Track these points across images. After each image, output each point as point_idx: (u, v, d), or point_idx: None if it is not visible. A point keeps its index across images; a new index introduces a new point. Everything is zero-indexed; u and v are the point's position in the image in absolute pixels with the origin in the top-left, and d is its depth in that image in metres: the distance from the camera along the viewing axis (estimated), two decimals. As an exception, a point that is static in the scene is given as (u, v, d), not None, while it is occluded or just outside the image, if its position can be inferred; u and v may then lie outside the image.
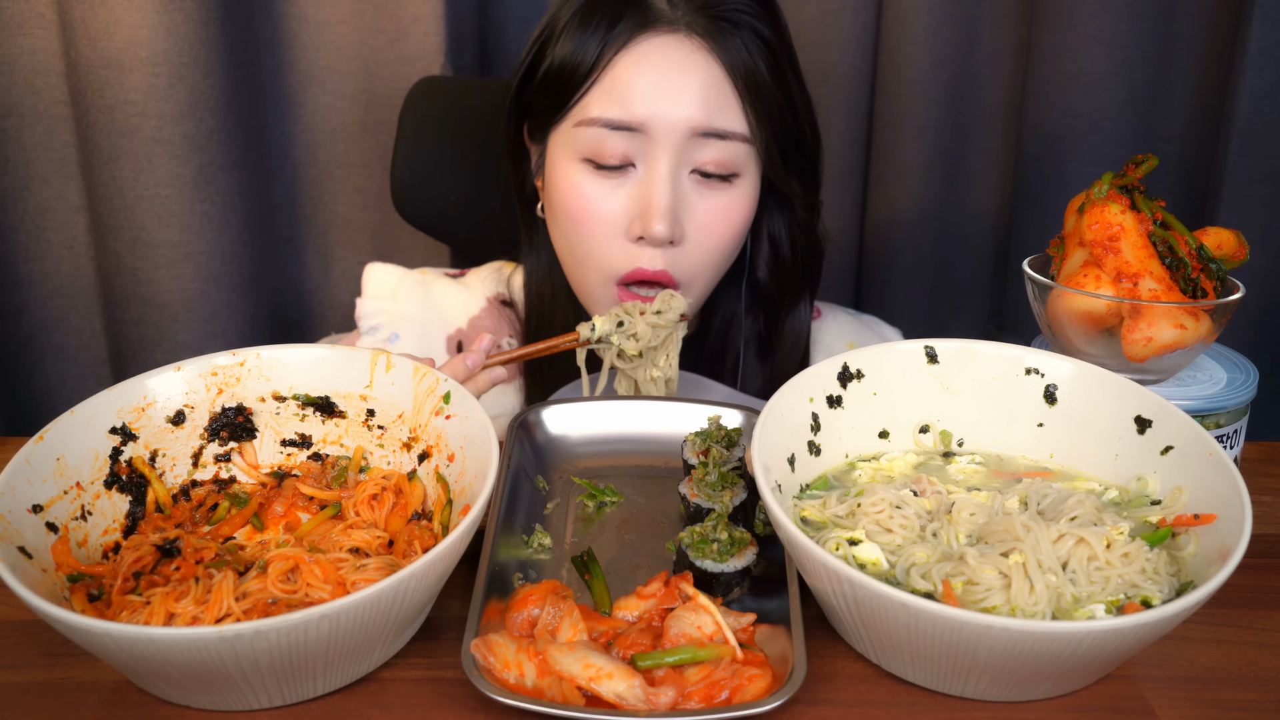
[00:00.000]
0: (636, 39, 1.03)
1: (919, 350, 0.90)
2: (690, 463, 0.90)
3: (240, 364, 0.88)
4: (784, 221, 1.18)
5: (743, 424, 0.94)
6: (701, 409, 0.98)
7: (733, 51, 1.03)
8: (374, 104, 1.64)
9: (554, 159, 1.09)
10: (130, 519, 0.83)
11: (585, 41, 1.04)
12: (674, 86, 1.02)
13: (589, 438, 0.97)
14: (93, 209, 1.55)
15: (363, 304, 1.24)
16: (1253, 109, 1.46)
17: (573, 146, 1.06)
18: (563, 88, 1.06)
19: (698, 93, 1.02)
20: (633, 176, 1.05)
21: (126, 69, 1.44)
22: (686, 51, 1.03)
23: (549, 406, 0.98)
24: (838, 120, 1.75)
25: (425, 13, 1.57)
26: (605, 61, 1.03)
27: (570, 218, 1.08)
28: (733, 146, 1.04)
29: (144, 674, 0.68)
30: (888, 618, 0.66)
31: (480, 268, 1.31)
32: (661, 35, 1.03)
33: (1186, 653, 0.76)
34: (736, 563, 0.78)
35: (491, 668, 0.68)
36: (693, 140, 1.03)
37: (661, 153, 1.03)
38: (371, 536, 0.81)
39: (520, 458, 0.92)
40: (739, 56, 1.03)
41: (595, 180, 1.05)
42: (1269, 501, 0.97)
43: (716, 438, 0.91)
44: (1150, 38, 1.54)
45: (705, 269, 1.10)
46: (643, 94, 1.02)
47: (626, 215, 1.05)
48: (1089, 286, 0.93)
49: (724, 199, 1.07)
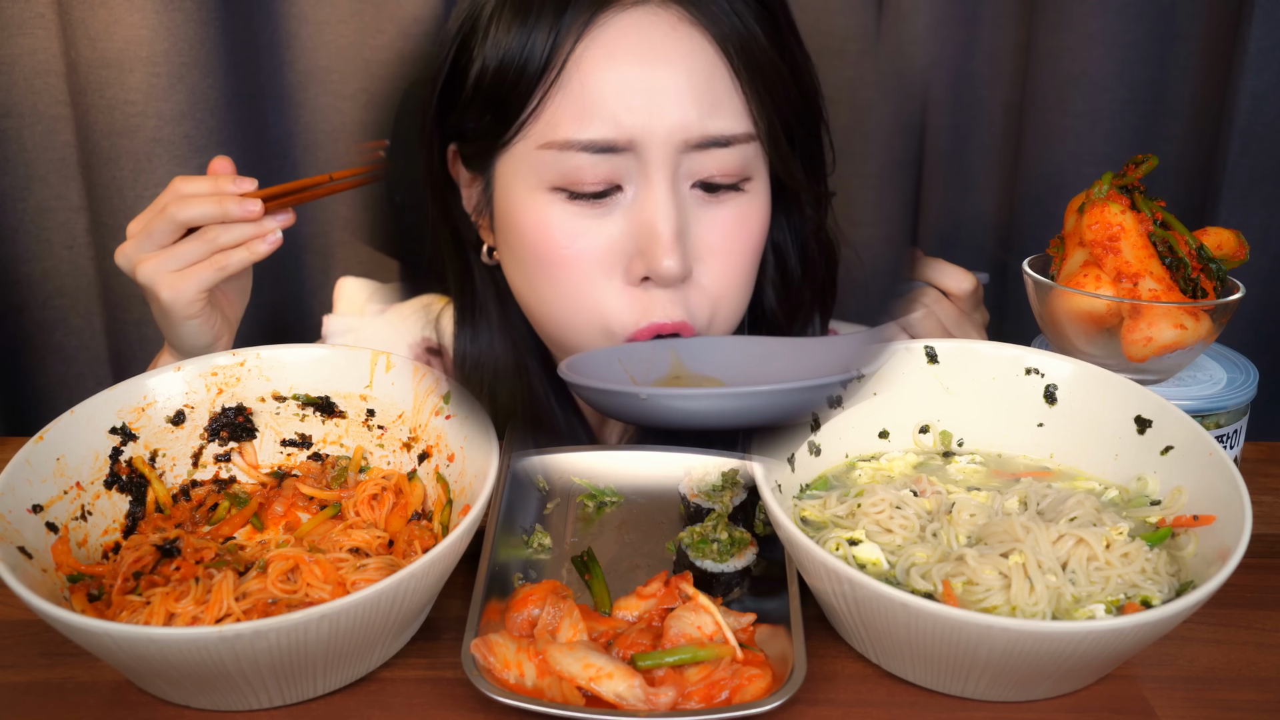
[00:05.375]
0: (599, 19, 0.81)
1: (919, 350, 0.90)
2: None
3: (240, 364, 0.88)
4: (789, 226, 0.97)
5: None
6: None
7: (720, 19, 0.82)
8: (374, 104, 1.64)
9: (509, 191, 0.86)
10: (130, 519, 0.83)
11: (529, 32, 0.81)
12: (658, 81, 0.81)
13: (589, 438, 0.97)
14: (93, 209, 1.55)
15: (330, 321, 1.08)
16: (1253, 109, 1.46)
17: (537, 175, 0.84)
18: (507, 99, 0.83)
19: (688, 87, 0.82)
20: (621, 202, 0.84)
21: (126, 69, 1.44)
22: (666, 28, 0.81)
23: None
24: (838, 120, 1.75)
25: (425, 13, 1.57)
26: (562, 56, 0.81)
27: (545, 263, 0.85)
28: (738, 151, 0.85)
29: (144, 674, 0.68)
30: (888, 618, 0.66)
31: (402, 304, 1.08)
32: (627, 12, 0.81)
33: (1186, 653, 0.76)
34: (736, 563, 0.78)
35: (491, 668, 0.68)
36: (688, 153, 0.84)
37: (655, 170, 0.83)
38: (371, 536, 0.81)
39: (520, 458, 0.92)
40: (728, 25, 0.82)
41: (573, 213, 0.84)
42: (1269, 501, 0.97)
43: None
44: (1150, 38, 1.54)
45: (726, 303, 0.89)
46: (624, 97, 0.81)
47: (622, 253, 0.85)
48: (1089, 286, 0.93)
49: (736, 210, 0.87)
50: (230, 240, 0.92)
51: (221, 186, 0.92)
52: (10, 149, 1.56)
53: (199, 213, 0.91)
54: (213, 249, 0.92)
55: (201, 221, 0.92)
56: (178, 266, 0.92)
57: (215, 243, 0.92)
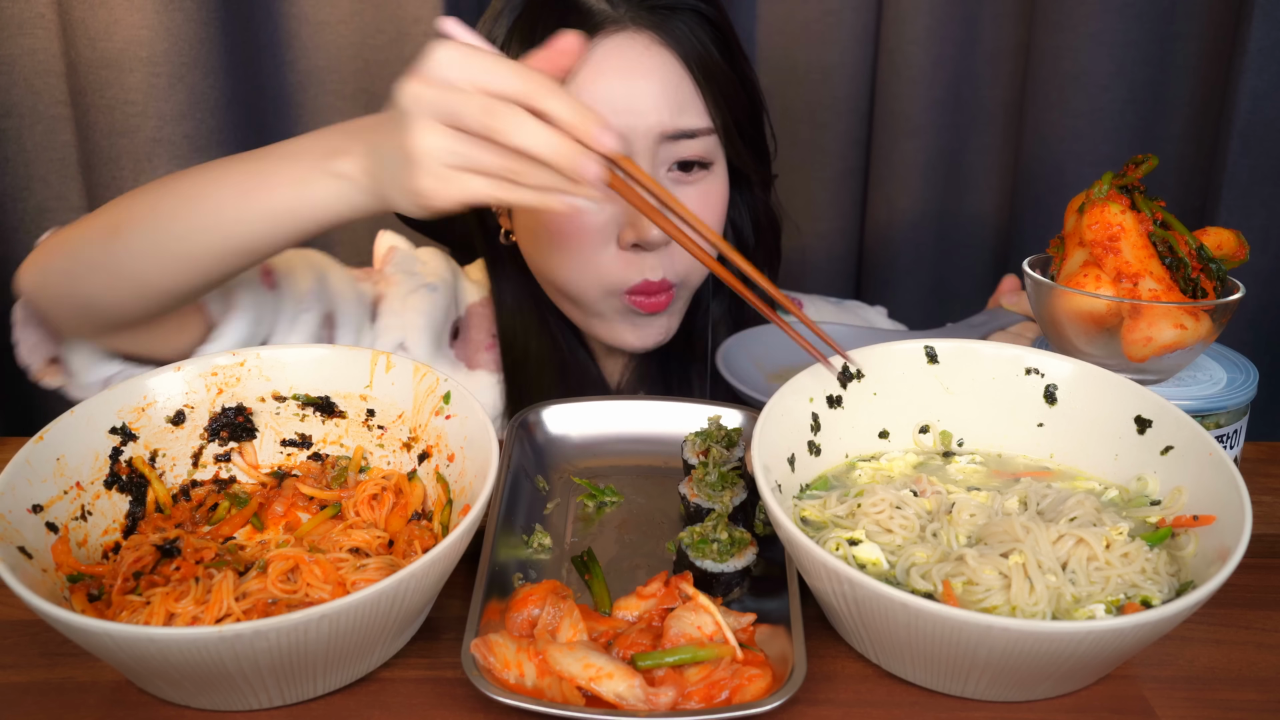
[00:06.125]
0: (589, 44, 1.00)
1: (919, 350, 0.90)
2: (690, 463, 0.90)
3: (240, 364, 0.88)
4: (744, 203, 1.19)
5: (743, 424, 0.94)
6: (701, 409, 0.98)
7: (683, 40, 1.02)
8: (374, 104, 1.64)
9: None
10: (130, 519, 0.83)
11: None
12: (639, 91, 1.00)
13: (589, 438, 0.97)
14: (92, 209, 1.55)
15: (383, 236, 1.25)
16: (1253, 109, 1.46)
17: None
18: None
19: (661, 94, 1.01)
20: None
21: (126, 69, 1.44)
22: (640, 49, 1.01)
23: (549, 406, 0.98)
24: (838, 120, 1.75)
25: (425, 13, 1.57)
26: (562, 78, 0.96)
27: (557, 237, 1.06)
28: (702, 142, 1.05)
29: (144, 674, 0.68)
30: (888, 618, 0.66)
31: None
32: (610, 36, 1.01)
33: (1186, 653, 0.76)
34: (736, 563, 0.78)
35: (491, 668, 0.68)
36: (664, 143, 1.03)
37: (639, 157, 1.02)
38: (371, 536, 0.81)
39: (520, 458, 0.92)
40: (689, 45, 1.03)
41: None
42: (1269, 501, 0.97)
43: (716, 438, 0.91)
44: (1150, 38, 1.54)
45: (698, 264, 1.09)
46: (612, 102, 0.99)
47: (615, 224, 1.04)
48: (1089, 286, 0.93)
49: (703, 188, 1.07)
50: (537, 181, 0.72)
51: (587, 131, 0.71)
52: (10, 149, 1.56)
53: (536, 147, 0.71)
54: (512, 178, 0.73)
55: (528, 153, 0.71)
56: (463, 165, 0.73)
57: (520, 175, 0.72)
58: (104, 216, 0.90)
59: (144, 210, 0.87)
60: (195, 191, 0.86)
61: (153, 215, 0.87)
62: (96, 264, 0.89)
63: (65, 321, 0.96)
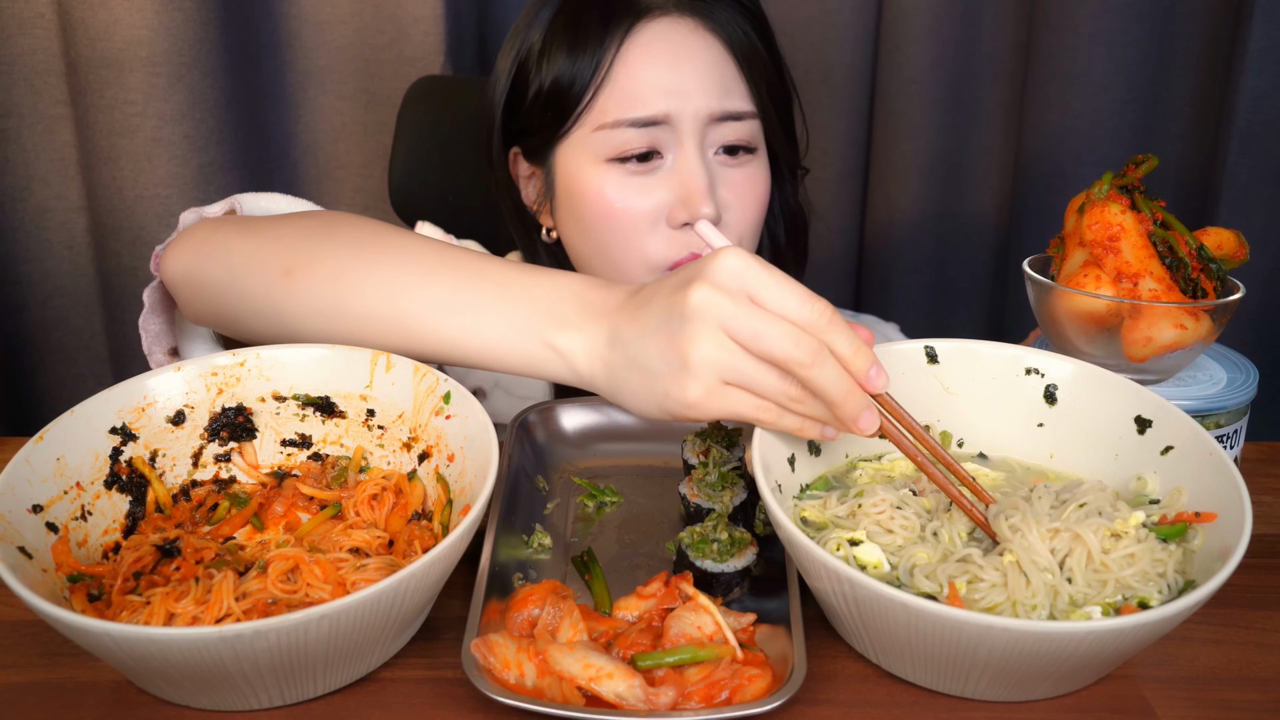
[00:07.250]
0: (636, 28, 1.04)
1: (919, 350, 0.90)
2: (690, 463, 0.90)
3: (240, 364, 0.88)
4: (778, 198, 1.20)
5: (743, 424, 0.94)
6: None
7: (726, 26, 1.06)
8: (374, 104, 1.64)
9: (572, 168, 1.08)
10: (130, 519, 0.83)
11: (579, 54, 1.04)
12: (686, 73, 1.03)
13: (589, 438, 0.97)
14: (93, 209, 1.55)
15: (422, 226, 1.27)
16: (1253, 109, 1.47)
17: (593, 151, 1.06)
18: (564, 100, 1.06)
19: (708, 77, 1.04)
20: (662, 166, 1.06)
21: (126, 69, 1.44)
22: (685, 33, 1.04)
23: (549, 406, 0.98)
24: (838, 120, 1.75)
25: (425, 13, 1.57)
26: (609, 59, 1.03)
27: (604, 218, 1.07)
28: (746, 125, 1.07)
29: (144, 674, 0.68)
30: (888, 618, 0.66)
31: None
32: (656, 21, 1.04)
33: (1186, 653, 0.76)
34: (736, 563, 0.78)
35: (491, 668, 0.68)
36: (711, 125, 1.05)
37: (687, 139, 1.04)
38: (371, 536, 0.81)
39: (520, 458, 0.92)
40: (732, 30, 1.06)
41: (627, 178, 1.05)
42: (1269, 501, 0.97)
43: (717, 438, 0.91)
44: (1150, 38, 1.54)
45: (744, 244, 1.11)
46: (659, 86, 1.03)
47: (663, 205, 1.06)
48: (1089, 286, 0.93)
49: (749, 169, 1.09)
50: (810, 412, 0.73)
51: (864, 372, 0.71)
52: (10, 149, 1.56)
53: (830, 389, 0.70)
54: (787, 405, 0.73)
55: (814, 388, 0.71)
56: (740, 382, 0.71)
57: (796, 405, 0.72)
58: (276, 250, 0.87)
59: (325, 271, 0.85)
60: (389, 284, 0.82)
61: (334, 283, 0.84)
62: (254, 296, 0.87)
63: (200, 318, 0.95)
